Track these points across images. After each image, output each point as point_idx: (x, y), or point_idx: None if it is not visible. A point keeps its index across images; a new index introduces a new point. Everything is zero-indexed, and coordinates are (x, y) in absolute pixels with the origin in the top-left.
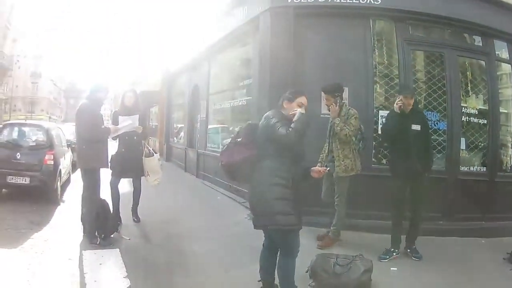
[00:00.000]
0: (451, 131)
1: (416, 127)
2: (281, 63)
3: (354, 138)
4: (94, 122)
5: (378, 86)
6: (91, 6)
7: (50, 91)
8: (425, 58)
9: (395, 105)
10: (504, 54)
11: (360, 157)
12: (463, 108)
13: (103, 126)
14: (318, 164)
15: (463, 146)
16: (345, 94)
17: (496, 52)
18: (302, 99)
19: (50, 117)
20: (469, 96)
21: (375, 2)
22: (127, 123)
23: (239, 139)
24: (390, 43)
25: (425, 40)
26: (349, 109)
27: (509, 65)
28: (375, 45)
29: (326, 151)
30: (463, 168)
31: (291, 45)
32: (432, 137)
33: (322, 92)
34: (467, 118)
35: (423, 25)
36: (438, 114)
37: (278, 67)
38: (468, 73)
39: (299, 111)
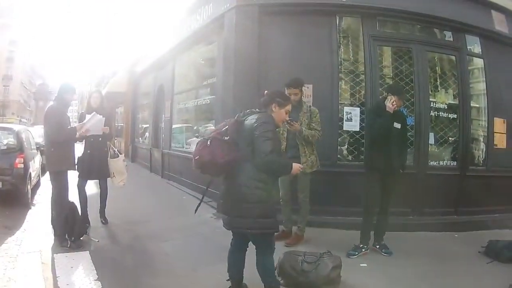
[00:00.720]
0: (419, 126)
1: (397, 125)
2: (246, 61)
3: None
4: (61, 123)
5: (343, 82)
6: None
7: (21, 94)
8: (393, 54)
9: (389, 105)
10: (477, 49)
11: (324, 154)
12: (432, 103)
13: (69, 127)
14: None
15: (432, 141)
16: (309, 91)
17: (468, 47)
18: (289, 107)
19: (20, 120)
20: (438, 91)
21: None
22: (93, 120)
23: (226, 138)
24: (357, 40)
25: (392, 36)
26: (309, 106)
27: (481, 60)
28: (341, 42)
29: (285, 148)
30: (433, 163)
31: (256, 43)
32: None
33: (288, 87)
34: (436, 113)
35: (391, 21)
36: (406, 109)
37: (242, 65)
38: (437, 68)
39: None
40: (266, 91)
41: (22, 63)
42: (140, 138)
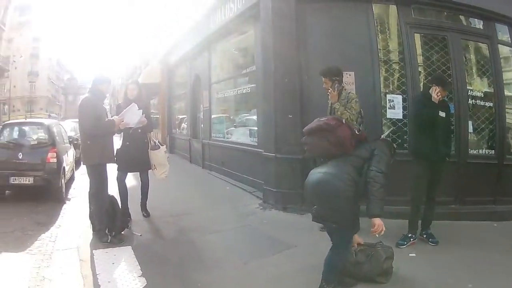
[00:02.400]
0: (459, 115)
1: (442, 113)
2: (285, 49)
3: (354, 122)
4: (98, 116)
5: (384, 70)
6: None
7: (48, 89)
8: (428, 41)
9: (434, 95)
10: (506, 37)
11: None
12: (469, 91)
13: (107, 119)
14: None
15: (470, 129)
16: (351, 79)
17: (498, 36)
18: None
19: (49, 115)
20: (474, 79)
21: None
22: (131, 112)
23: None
24: (393, 27)
25: (428, 23)
26: (349, 92)
27: (510, 49)
28: (378, 29)
29: None
30: (472, 151)
31: (294, 30)
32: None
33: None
34: (474, 101)
35: (425, 8)
36: (445, 97)
37: (282, 53)
38: (471, 56)
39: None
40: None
41: (48, 59)
42: (177, 129)
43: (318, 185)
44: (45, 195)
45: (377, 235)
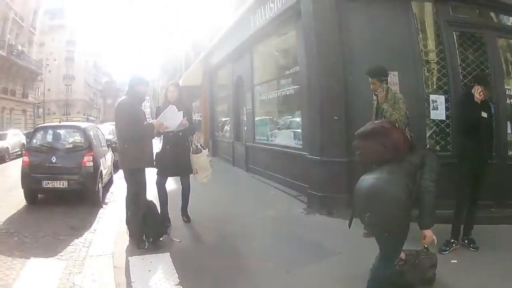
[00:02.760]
0: (498, 115)
1: (484, 114)
2: (328, 49)
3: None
4: (136, 119)
5: (426, 69)
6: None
7: (85, 92)
8: (466, 39)
9: (476, 95)
10: None
11: None
12: (507, 90)
13: (145, 122)
14: None
15: (509, 130)
16: (395, 79)
17: None
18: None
19: (87, 118)
20: (511, 78)
21: None
22: (171, 114)
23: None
24: (432, 25)
25: (465, 21)
26: (395, 93)
27: None
28: (419, 27)
29: None
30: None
31: (337, 30)
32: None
33: (368, 76)
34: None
35: (461, 5)
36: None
37: (325, 53)
38: (508, 54)
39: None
40: None
41: (84, 61)
42: (220, 132)
43: (372, 191)
44: (81, 199)
45: (425, 246)
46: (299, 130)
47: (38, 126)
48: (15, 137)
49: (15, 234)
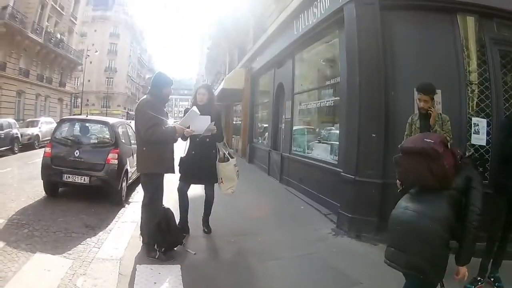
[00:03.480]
0: None
1: None
2: (370, 60)
3: None
4: (156, 121)
5: (469, 90)
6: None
7: (127, 87)
8: (510, 60)
9: None
10: None
11: None
12: None
13: (167, 126)
14: None
15: None
16: (438, 98)
17: None
18: None
19: (128, 113)
20: None
21: None
22: (195, 119)
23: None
24: (475, 42)
25: (508, 39)
26: (440, 113)
27: None
28: (464, 43)
29: None
30: None
31: (380, 40)
32: None
33: (419, 93)
34: None
35: (508, 23)
36: None
37: (367, 65)
38: None
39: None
40: None
41: (127, 56)
42: (259, 138)
43: (410, 228)
44: (103, 197)
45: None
46: (336, 144)
47: (63, 118)
48: (47, 125)
49: (25, 226)
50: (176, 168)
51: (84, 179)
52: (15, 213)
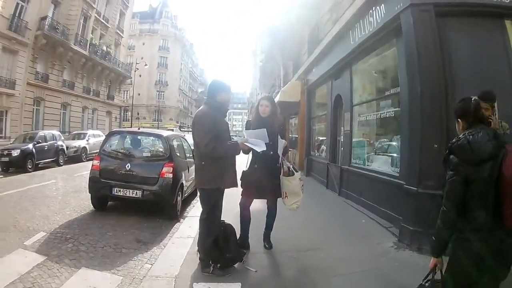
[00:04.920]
0: None
1: None
2: (429, 69)
3: None
4: (217, 134)
5: None
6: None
7: (179, 100)
8: None
9: None
10: None
11: None
12: None
13: (229, 142)
14: None
15: None
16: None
17: None
18: None
19: (180, 127)
20: None
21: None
22: (257, 136)
23: None
24: None
25: None
26: (501, 121)
27: None
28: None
29: None
30: None
31: (438, 48)
32: None
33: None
34: None
35: None
36: None
37: (426, 73)
38: None
39: None
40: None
41: (178, 70)
42: (316, 151)
43: None
44: (156, 211)
45: None
46: (397, 156)
47: (113, 130)
48: (95, 138)
49: (70, 240)
50: (239, 182)
51: (136, 193)
52: (58, 226)
